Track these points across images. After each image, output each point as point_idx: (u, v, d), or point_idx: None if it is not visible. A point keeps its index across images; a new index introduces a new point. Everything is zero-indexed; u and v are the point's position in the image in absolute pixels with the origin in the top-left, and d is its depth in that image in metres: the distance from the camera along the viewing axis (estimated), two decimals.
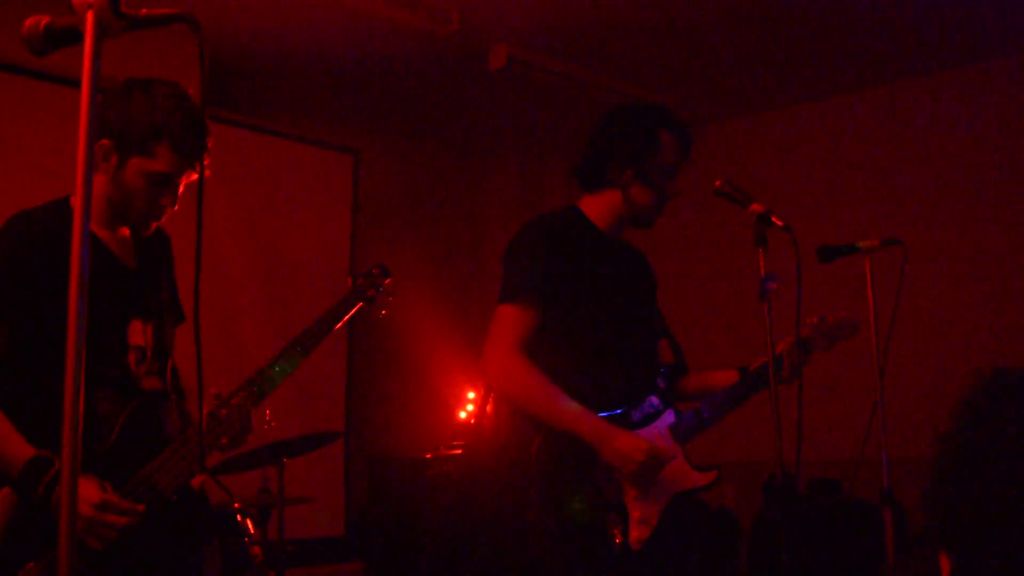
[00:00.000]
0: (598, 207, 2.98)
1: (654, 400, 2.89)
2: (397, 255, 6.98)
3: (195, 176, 2.43)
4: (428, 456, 5.59)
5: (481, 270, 7.56)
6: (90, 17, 1.57)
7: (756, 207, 2.78)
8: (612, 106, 3.04)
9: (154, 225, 2.49)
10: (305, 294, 5.63)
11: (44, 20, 1.65)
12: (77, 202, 1.55)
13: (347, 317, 2.76)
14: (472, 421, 6.12)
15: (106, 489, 2.23)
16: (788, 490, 2.61)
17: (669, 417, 2.87)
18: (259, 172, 6.03)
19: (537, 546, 2.70)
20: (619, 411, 2.81)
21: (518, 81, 6.12)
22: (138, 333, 2.45)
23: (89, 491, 2.19)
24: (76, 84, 1.58)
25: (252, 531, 3.92)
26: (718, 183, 2.88)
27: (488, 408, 4.79)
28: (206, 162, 2.34)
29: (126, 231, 2.51)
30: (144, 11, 1.62)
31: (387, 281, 2.89)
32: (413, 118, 7.00)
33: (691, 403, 2.97)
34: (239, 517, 4.00)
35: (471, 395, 6.43)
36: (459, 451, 5.52)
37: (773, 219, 2.76)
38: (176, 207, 2.46)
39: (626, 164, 2.91)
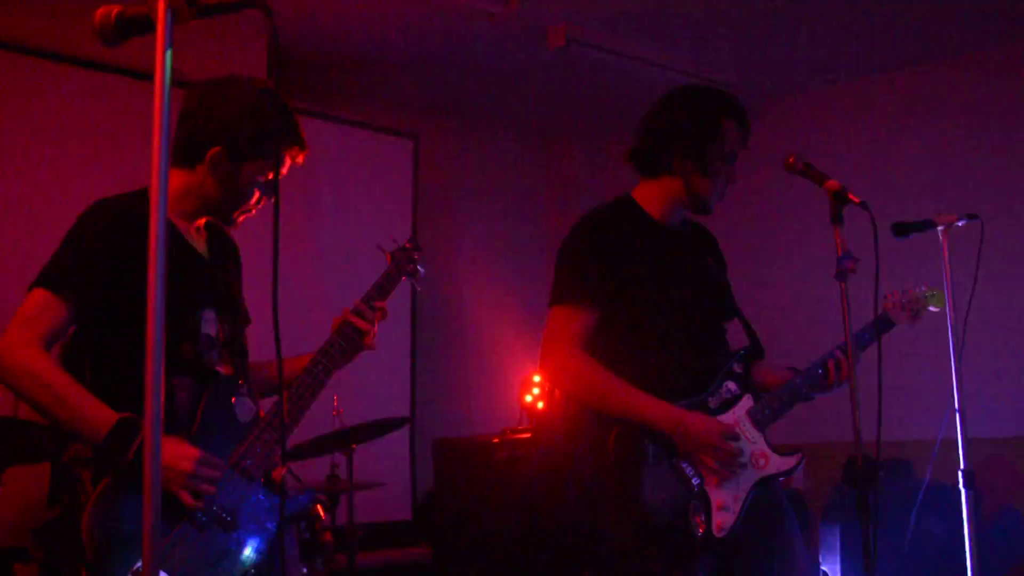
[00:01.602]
0: (654, 194, 2.93)
1: (731, 386, 2.84)
2: (459, 238, 7.01)
3: (285, 172, 2.52)
4: (495, 440, 5.58)
5: (543, 252, 7.52)
6: (161, 5, 1.56)
7: (831, 184, 2.72)
8: (669, 90, 2.97)
9: (242, 219, 2.53)
10: (368, 278, 5.63)
11: (115, 10, 1.65)
12: (152, 190, 1.56)
13: (392, 292, 2.79)
14: (539, 405, 6.10)
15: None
16: (871, 473, 2.55)
17: (747, 402, 2.83)
18: (319, 158, 6.02)
19: (618, 537, 2.68)
20: (695, 399, 2.77)
21: (578, 62, 6.06)
22: (211, 323, 2.48)
23: (185, 449, 2.24)
24: (145, 77, 1.59)
25: (323, 516, 3.95)
26: (791, 160, 2.83)
27: (556, 393, 4.77)
28: (301, 159, 2.39)
29: (201, 222, 2.54)
30: None
31: (419, 254, 2.92)
32: (472, 101, 6.97)
33: (769, 388, 2.92)
34: (311, 505, 4.03)
35: (536, 378, 6.41)
36: (527, 435, 5.50)
37: (850, 196, 2.69)
38: (273, 198, 2.51)
39: (686, 151, 2.86)
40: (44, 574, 3.30)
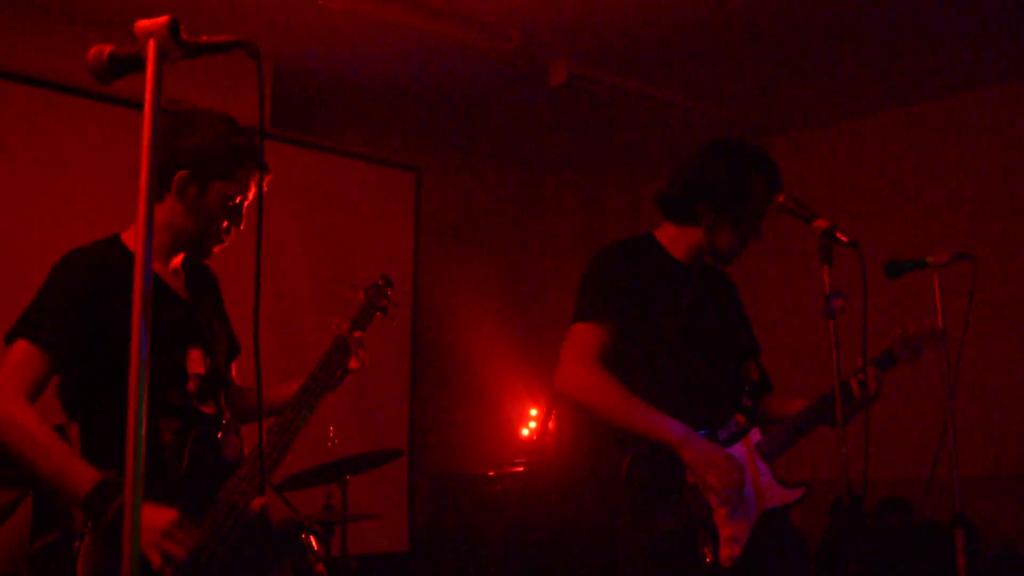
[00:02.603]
0: (676, 238, 2.98)
1: (740, 419, 2.87)
2: (459, 272, 7.04)
3: (251, 198, 2.53)
4: (491, 473, 5.59)
5: (542, 287, 7.55)
6: (151, 45, 1.60)
7: (821, 223, 2.75)
8: (706, 143, 3.02)
9: (216, 249, 2.56)
10: (348, 315, 5.65)
11: (108, 49, 1.69)
12: (140, 222, 1.58)
13: (367, 326, 2.83)
14: (535, 438, 6.10)
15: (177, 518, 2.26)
16: (856, 511, 2.56)
17: (755, 435, 2.86)
18: (322, 191, 6.10)
19: (628, 564, 2.71)
20: (704, 432, 2.80)
21: (578, 97, 6.12)
22: (197, 361, 2.51)
23: (162, 512, 2.23)
24: (140, 106, 1.63)
25: (316, 547, 3.95)
26: (781, 198, 2.85)
27: (551, 425, 4.79)
28: (265, 185, 2.40)
29: (177, 262, 2.57)
30: (204, 38, 1.65)
31: (391, 291, 2.97)
32: (474, 136, 7.04)
33: (777, 421, 2.94)
34: (303, 534, 4.03)
35: (533, 412, 6.42)
36: (522, 468, 5.50)
37: (838, 235, 2.72)
38: (243, 227, 2.54)
39: (713, 205, 2.90)
40: None
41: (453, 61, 5.74)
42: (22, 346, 2.33)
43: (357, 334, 2.73)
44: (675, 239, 2.98)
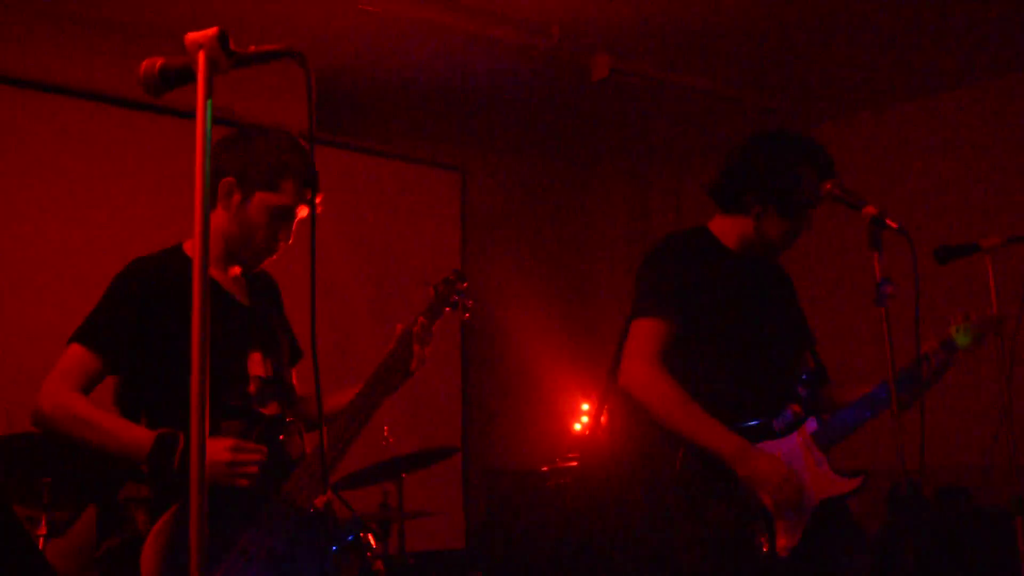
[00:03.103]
0: (729, 229, 2.99)
1: (795, 408, 2.87)
2: (507, 270, 7.06)
3: (306, 210, 2.57)
4: (545, 469, 5.61)
5: (591, 281, 7.56)
6: (202, 56, 1.63)
7: (869, 209, 2.72)
8: (755, 132, 3.02)
9: (267, 260, 2.61)
10: (418, 312, 5.69)
11: (159, 62, 1.72)
12: (196, 230, 1.62)
13: (437, 323, 2.84)
14: (587, 433, 6.11)
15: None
16: (914, 499, 2.54)
17: (811, 425, 2.85)
18: (368, 193, 6.15)
19: (683, 557, 2.72)
20: (760, 421, 2.80)
21: (621, 91, 6.11)
22: (258, 364, 2.57)
23: (217, 443, 2.32)
24: (173, 113, 1.67)
25: (374, 545, 3.99)
26: (828, 186, 2.83)
27: (603, 419, 4.78)
28: (318, 198, 2.44)
29: (237, 271, 2.62)
30: (252, 48, 1.68)
31: (464, 285, 2.95)
32: (517, 133, 7.05)
33: (832, 411, 2.93)
34: (361, 532, 4.07)
35: (584, 407, 6.43)
36: (575, 463, 5.52)
37: (887, 221, 2.70)
38: (291, 241, 2.58)
39: (762, 196, 2.90)
40: None
41: (494, 60, 5.76)
42: (75, 348, 2.42)
43: (421, 330, 2.74)
44: (727, 230, 2.99)
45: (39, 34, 5.07)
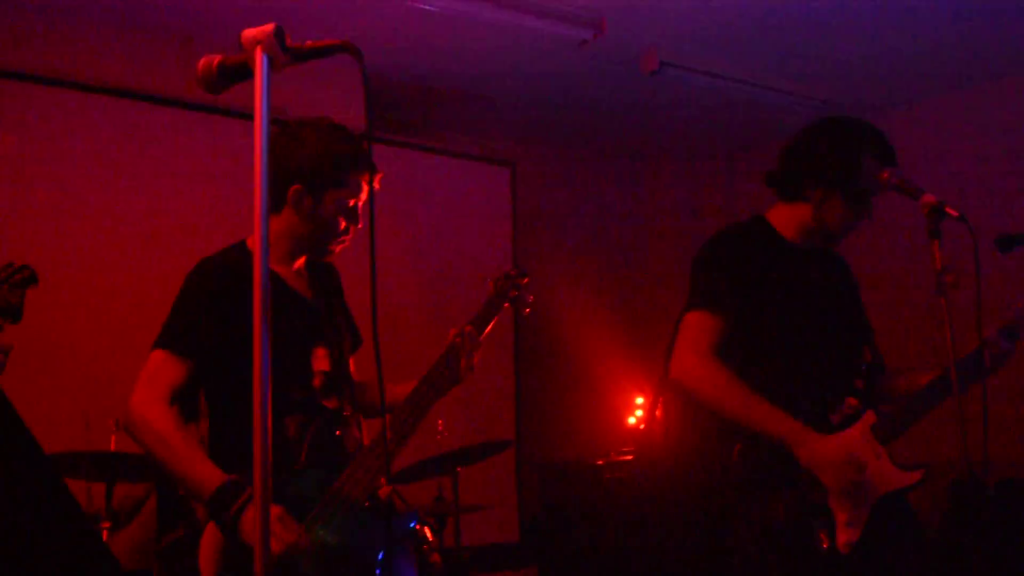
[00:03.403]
0: (787, 218, 2.96)
1: (852, 402, 2.83)
2: (558, 264, 7.06)
3: (365, 197, 2.60)
4: (600, 462, 5.60)
5: (643, 274, 7.53)
6: (259, 53, 1.65)
7: (928, 198, 2.68)
8: (817, 119, 2.99)
9: (338, 249, 2.64)
10: (470, 307, 5.72)
11: (216, 59, 1.75)
12: (256, 227, 1.64)
13: (495, 319, 2.85)
14: (641, 427, 6.09)
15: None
16: (977, 492, 2.50)
17: (870, 418, 2.81)
18: (418, 189, 6.18)
19: (742, 553, 2.69)
20: (817, 416, 2.77)
21: (671, 84, 6.07)
22: (322, 359, 2.59)
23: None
24: (245, 116, 1.69)
25: (430, 538, 4.02)
26: (885, 175, 2.80)
27: (658, 413, 4.77)
28: (376, 184, 2.46)
29: (301, 263, 2.65)
30: (309, 43, 1.70)
31: (525, 280, 2.96)
32: (567, 127, 7.04)
33: (892, 403, 2.89)
34: (418, 525, 4.10)
35: (639, 400, 6.41)
36: (630, 457, 5.51)
37: (947, 209, 2.66)
38: (360, 225, 2.61)
39: (822, 183, 2.87)
40: None
41: (544, 54, 5.75)
42: (158, 354, 2.45)
43: (475, 335, 2.74)
44: (786, 220, 2.96)
45: (96, 39, 5.16)
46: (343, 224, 2.61)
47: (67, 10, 5.03)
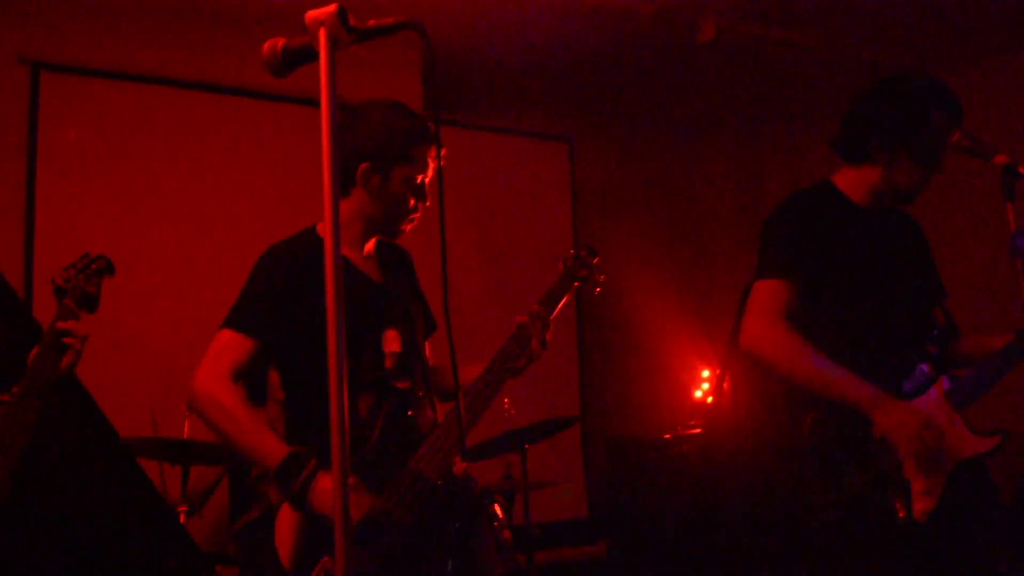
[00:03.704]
0: (855, 181, 2.90)
1: (925, 368, 2.78)
2: (619, 237, 7.02)
3: (431, 174, 2.63)
4: (667, 436, 5.58)
5: (704, 246, 7.47)
6: (322, 34, 1.66)
7: (1000, 158, 2.63)
8: (880, 77, 2.93)
9: (408, 228, 2.66)
10: (532, 284, 5.72)
11: (280, 42, 1.75)
12: (327, 209, 1.65)
13: (565, 298, 2.85)
14: (708, 400, 6.06)
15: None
16: None
17: (944, 384, 2.76)
18: (477, 168, 6.18)
19: (817, 523, 2.67)
20: (890, 382, 2.73)
21: (728, 53, 5.99)
22: (393, 340, 2.61)
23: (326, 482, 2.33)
24: (300, 101, 1.69)
25: (500, 516, 4.04)
26: (956, 137, 2.75)
27: (725, 386, 4.74)
28: (441, 160, 2.48)
29: (369, 248, 2.67)
30: (372, 22, 1.70)
31: (595, 260, 2.95)
32: (624, 101, 6.98)
33: (965, 368, 2.84)
34: (490, 503, 4.13)
35: (704, 373, 6.37)
36: (697, 430, 5.48)
37: (1020, 170, 2.60)
38: (428, 203, 2.62)
39: (890, 142, 2.81)
40: (243, 573, 3.52)
41: (597, 27, 5.71)
42: (225, 333, 2.49)
43: (545, 314, 2.74)
44: (854, 183, 2.90)
45: (152, 30, 5.22)
46: (412, 202, 2.62)
47: (125, 2, 5.10)
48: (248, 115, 5.33)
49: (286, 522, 2.38)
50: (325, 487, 2.30)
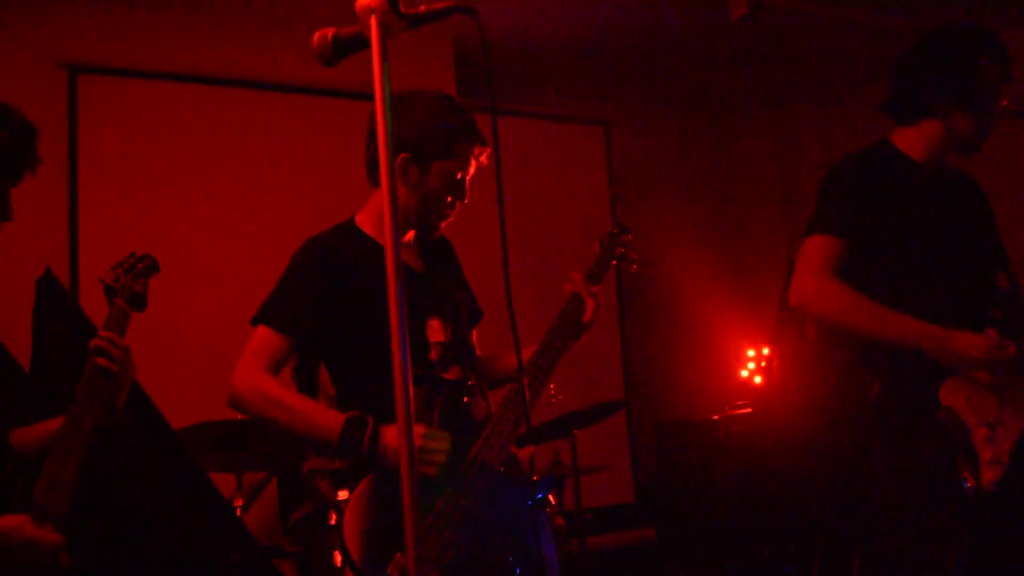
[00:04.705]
0: (914, 139, 2.84)
1: (991, 332, 2.73)
2: (657, 219, 6.98)
3: (475, 168, 2.61)
4: (716, 417, 5.55)
5: (743, 224, 7.41)
6: (374, 21, 1.64)
7: None
8: (924, 32, 2.88)
9: (443, 224, 2.63)
10: (571, 269, 5.69)
11: (331, 32, 1.74)
12: (384, 194, 1.64)
13: (603, 277, 2.84)
14: (756, 380, 6.01)
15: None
16: None
17: (1009, 349, 2.71)
18: (514, 154, 6.16)
19: (884, 493, 2.64)
20: None
21: (762, 28, 5.92)
22: (436, 330, 2.59)
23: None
24: (336, 94, 1.68)
25: (553, 501, 4.03)
26: (1005, 102, 2.71)
27: (775, 363, 4.70)
28: (484, 160, 2.45)
29: (410, 236, 2.65)
30: (423, 7, 1.68)
31: (629, 237, 2.94)
32: (658, 81, 6.93)
33: None
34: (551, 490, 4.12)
35: (750, 353, 6.32)
36: (748, 410, 5.43)
37: None
38: (466, 201, 2.59)
39: (945, 93, 2.76)
40: (301, 568, 3.53)
41: (630, 7, 5.66)
42: (261, 330, 2.49)
43: (593, 288, 2.74)
44: (912, 140, 2.84)
45: (189, 28, 5.24)
46: (449, 198, 2.59)
47: (158, 1, 5.12)
48: (285, 110, 5.33)
49: (355, 518, 2.35)
50: (393, 440, 2.31)
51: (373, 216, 2.61)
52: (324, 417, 2.39)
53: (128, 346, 2.33)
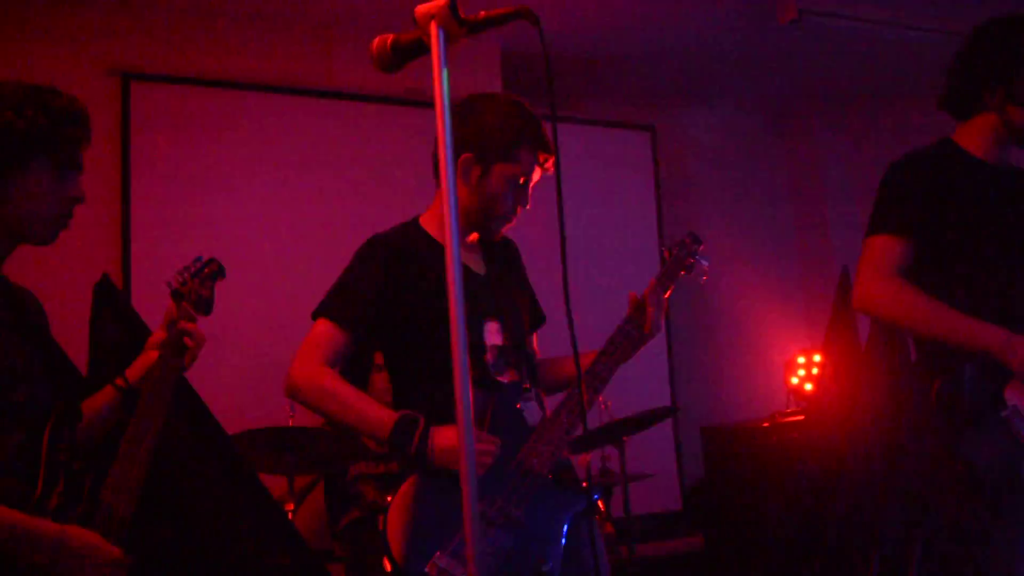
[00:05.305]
0: (973, 134, 2.79)
1: None
2: (705, 224, 6.93)
3: (539, 174, 2.60)
4: (766, 424, 5.49)
5: (793, 229, 7.34)
6: (434, 27, 1.64)
7: None
8: (976, 25, 2.84)
9: (505, 228, 2.63)
10: (622, 275, 5.69)
11: (390, 38, 1.75)
12: (444, 199, 1.64)
13: (671, 287, 2.81)
14: (806, 387, 5.95)
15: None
16: None
17: None
18: (562, 160, 6.16)
19: (945, 497, 2.59)
20: None
21: (811, 32, 5.87)
22: (494, 333, 2.59)
23: (453, 435, 2.35)
24: (390, 101, 1.68)
25: (602, 509, 4.01)
26: None
27: (829, 370, 4.63)
28: (550, 168, 2.46)
29: (474, 238, 2.65)
30: (483, 13, 1.68)
31: (700, 247, 2.91)
32: (705, 86, 6.89)
33: None
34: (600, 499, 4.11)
35: (800, 360, 6.25)
36: (798, 417, 5.37)
37: None
38: (528, 206, 2.59)
39: (996, 84, 2.71)
40: (350, 572, 3.55)
41: (678, 12, 5.63)
42: (322, 324, 2.51)
43: (656, 296, 2.72)
44: (972, 136, 2.79)
45: (240, 37, 5.29)
46: (510, 200, 2.59)
47: (208, 9, 5.18)
48: (337, 116, 5.39)
49: (398, 518, 2.37)
50: (442, 442, 2.35)
51: (436, 217, 2.64)
52: (377, 414, 2.43)
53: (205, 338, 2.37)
